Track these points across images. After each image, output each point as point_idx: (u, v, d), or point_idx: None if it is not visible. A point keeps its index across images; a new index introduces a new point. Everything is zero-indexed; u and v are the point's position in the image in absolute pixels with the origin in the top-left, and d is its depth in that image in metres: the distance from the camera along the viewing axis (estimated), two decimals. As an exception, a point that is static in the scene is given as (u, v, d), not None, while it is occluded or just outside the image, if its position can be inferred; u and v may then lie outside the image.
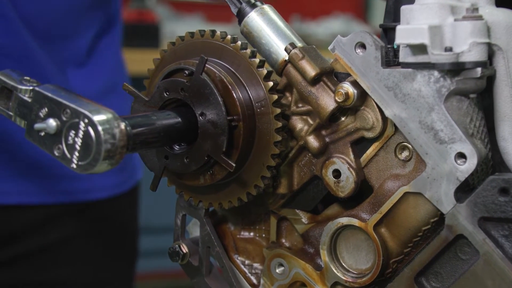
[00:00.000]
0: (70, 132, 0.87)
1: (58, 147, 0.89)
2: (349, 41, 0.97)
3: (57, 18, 1.75)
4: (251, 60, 0.99)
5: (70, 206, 1.82)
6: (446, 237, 0.93)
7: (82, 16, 1.82)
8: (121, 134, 0.86)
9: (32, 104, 0.93)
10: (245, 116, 0.97)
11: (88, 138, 0.85)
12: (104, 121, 0.85)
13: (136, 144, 0.91)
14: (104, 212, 1.91)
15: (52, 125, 0.88)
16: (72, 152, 0.88)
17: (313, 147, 1.00)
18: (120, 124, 0.86)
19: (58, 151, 0.89)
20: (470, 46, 0.89)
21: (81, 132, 0.86)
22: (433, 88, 0.91)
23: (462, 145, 0.90)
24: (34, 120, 0.91)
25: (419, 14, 0.91)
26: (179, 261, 1.09)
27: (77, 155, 0.87)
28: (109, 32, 1.92)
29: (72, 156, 0.88)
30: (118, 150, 0.86)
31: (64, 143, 0.88)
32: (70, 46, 1.81)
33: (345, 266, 1.02)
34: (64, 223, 1.83)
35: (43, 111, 0.91)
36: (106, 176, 1.84)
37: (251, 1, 1.03)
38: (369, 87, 0.96)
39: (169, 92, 0.98)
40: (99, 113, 0.86)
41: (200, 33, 1.02)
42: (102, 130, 0.85)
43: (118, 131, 0.86)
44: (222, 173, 0.99)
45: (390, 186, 0.98)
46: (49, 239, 1.82)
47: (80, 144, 0.86)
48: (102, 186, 1.87)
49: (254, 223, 1.11)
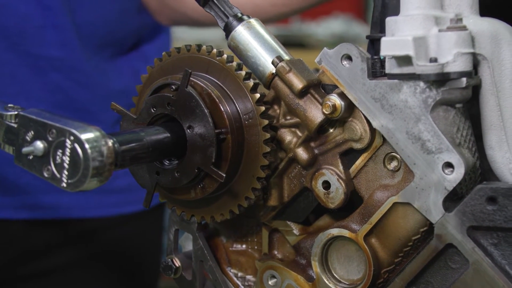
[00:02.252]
0: (58, 151, 0.88)
1: (47, 168, 0.89)
2: (335, 53, 0.97)
3: (110, 25, 1.74)
4: (237, 73, 0.99)
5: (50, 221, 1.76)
6: (436, 246, 0.93)
7: (132, 21, 1.81)
8: (108, 151, 0.86)
9: (18, 129, 0.93)
10: (233, 128, 0.98)
11: (76, 155, 0.86)
12: (91, 139, 0.86)
13: (125, 161, 0.91)
14: (99, 236, 1.84)
15: (39, 147, 0.89)
16: (61, 171, 0.88)
17: (302, 159, 1.00)
18: (107, 141, 0.87)
19: (48, 172, 0.89)
20: (454, 57, 0.89)
21: (68, 150, 0.87)
22: (419, 98, 0.91)
23: (449, 155, 0.90)
24: (22, 145, 0.92)
25: (403, 25, 0.91)
26: (172, 275, 1.10)
27: (66, 174, 0.87)
28: (157, 38, 1.91)
29: (62, 175, 0.88)
30: (106, 167, 0.86)
31: (53, 163, 0.88)
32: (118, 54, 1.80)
33: (336, 276, 1.02)
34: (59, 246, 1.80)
35: (30, 135, 0.91)
36: (94, 194, 1.76)
37: (238, 15, 1.04)
38: (356, 98, 0.96)
39: (156, 107, 0.99)
40: (86, 131, 0.86)
41: (186, 48, 1.03)
42: (89, 148, 0.85)
43: (105, 148, 0.86)
44: (213, 186, 1.00)
45: (380, 196, 0.98)
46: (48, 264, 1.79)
47: (68, 162, 0.87)
48: (86, 203, 1.79)
49: (246, 235, 1.12)
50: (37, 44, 1.64)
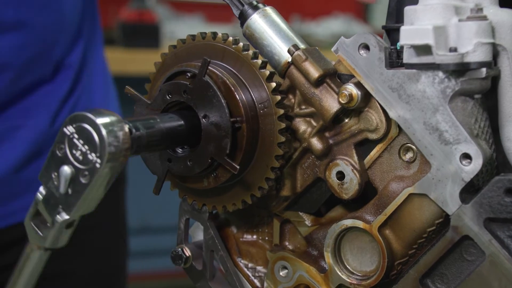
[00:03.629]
0: (73, 151, 0.86)
1: (84, 174, 0.87)
2: (352, 43, 0.96)
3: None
4: (253, 61, 0.98)
5: None
6: (452, 238, 0.93)
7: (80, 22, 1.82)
8: (125, 137, 0.85)
9: (49, 194, 0.91)
10: (248, 117, 0.97)
11: (92, 140, 0.84)
12: (107, 123, 0.84)
13: (140, 147, 0.90)
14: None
15: (67, 172, 0.87)
16: (88, 160, 0.86)
17: (317, 149, 1.00)
18: (123, 126, 0.86)
19: (84, 178, 0.87)
20: (474, 47, 0.88)
21: (85, 134, 0.85)
22: (438, 89, 0.91)
23: (467, 146, 0.90)
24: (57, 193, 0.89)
25: (423, 14, 0.90)
26: (182, 264, 1.09)
27: (94, 155, 0.85)
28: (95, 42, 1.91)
29: (93, 162, 0.86)
30: (122, 153, 0.85)
31: (78, 163, 0.87)
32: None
33: (349, 268, 1.02)
34: None
35: (54, 175, 0.89)
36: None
37: (253, 3, 1.03)
38: (373, 88, 0.95)
39: (171, 94, 0.98)
40: (103, 115, 0.85)
41: (202, 36, 1.02)
42: (105, 133, 0.84)
43: (121, 133, 0.85)
44: (226, 176, 0.99)
45: (395, 187, 0.97)
46: None
47: (87, 147, 0.85)
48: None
49: (257, 226, 1.11)
50: None
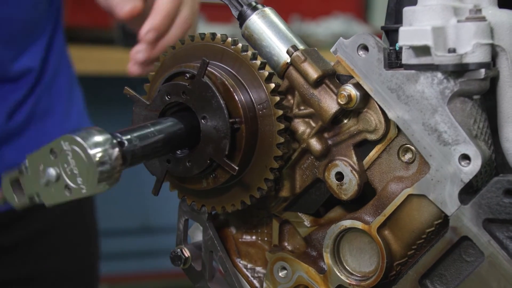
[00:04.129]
0: (65, 165, 0.87)
1: (68, 187, 0.88)
2: (351, 43, 0.96)
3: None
4: (252, 62, 0.98)
5: None
6: (451, 239, 0.93)
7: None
8: (116, 154, 0.86)
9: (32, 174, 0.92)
10: (247, 118, 0.97)
11: (81, 161, 0.85)
12: (95, 143, 0.85)
13: (136, 158, 0.90)
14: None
15: (52, 173, 0.88)
16: (75, 180, 0.87)
17: (316, 149, 1.00)
18: (114, 144, 0.86)
19: (68, 191, 0.88)
20: (473, 47, 0.88)
21: (70, 156, 0.86)
22: (437, 89, 0.91)
23: (466, 147, 0.90)
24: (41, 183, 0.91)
25: (422, 15, 0.90)
26: (181, 265, 1.09)
27: (81, 180, 0.86)
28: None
29: (79, 184, 0.87)
30: (116, 169, 0.86)
31: (68, 179, 0.87)
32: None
33: (348, 269, 1.02)
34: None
35: (41, 168, 0.90)
36: None
37: (252, 4, 1.03)
38: (371, 89, 0.95)
39: (170, 95, 0.98)
40: (88, 136, 0.85)
41: (201, 36, 1.02)
42: (94, 154, 0.84)
43: (113, 152, 0.85)
44: (225, 176, 0.99)
45: (394, 188, 0.97)
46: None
47: (77, 169, 0.86)
48: None
49: (256, 226, 1.11)
50: None
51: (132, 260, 4.20)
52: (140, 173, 1.70)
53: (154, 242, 4.06)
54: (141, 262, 4.19)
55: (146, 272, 4.24)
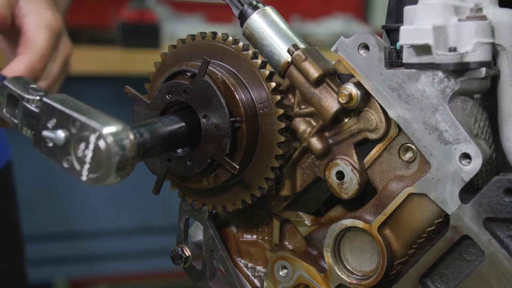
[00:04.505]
0: (80, 144, 0.86)
1: (67, 159, 0.87)
2: (352, 42, 0.96)
3: None
4: (253, 61, 0.99)
5: None
6: (451, 238, 0.93)
7: None
8: (131, 145, 0.85)
9: (39, 114, 0.91)
10: (248, 117, 0.97)
11: (99, 151, 0.84)
12: (114, 133, 0.84)
13: (145, 153, 0.90)
14: None
15: (60, 136, 0.87)
16: (82, 165, 0.86)
17: (316, 148, 1.00)
18: (129, 135, 0.85)
19: (67, 162, 0.87)
20: (474, 46, 0.88)
21: (92, 145, 0.84)
22: (437, 88, 0.91)
23: (466, 146, 0.90)
24: (42, 130, 0.89)
25: (422, 14, 0.90)
26: (182, 264, 1.09)
27: (88, 168, 0.86)
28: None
29: (82, 169, 0.86)
30: (129, 162, 0.85)
31: (74, 156, 0.86)
32: None
33: (349, 268, 1.02)
34: None
35: (52, 122, 0.89)
36: None
37: (253, 3, 1.03)
38: (372, 88, 0.95)
39: (171, 94, 0.98)
40: (109, 124, 0.85)
41: (201, 35, 1.02)
42: (112, 143, 0.83)
43: (128, 142, 0.84)
44: (226, 175, 0.99)
45: (394, 187, 0.97)
46: None
47: (91, 157, 0.85)
48: None
49: (256, 225, 1.11)
50: None
51: (132, 260, 4.20)
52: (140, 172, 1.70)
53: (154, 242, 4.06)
54: (141, 262, 4.19)
55: (146, 272, 4.24)
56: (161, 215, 3.76)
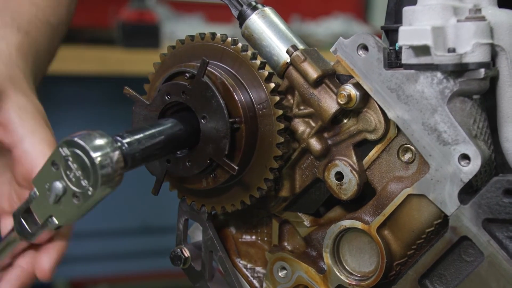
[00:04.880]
0: (67, 172, 0.88)
1: (75, 194, 0.89)
2: (351, 43, 0.96)
3: None
4: (252, 62, 0.98)
5: None
6: (450, 239, 0.93)
7: None
8: (118, 157, 0.86)
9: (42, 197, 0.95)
10: (247, 118, 0.97)
11: (84, 165, 0.86)
12: (98, 147, 0.86)
13: (136, 161, 0.90)
14: None
15: (58, 186, 0.90)
16: (80, 185, 0.88)
17: (315, 149, 1.00)
18: (115, 147, 0.87)
19: (76, 198, 0.89)
20: (473, 47, 0.88)
21: (74, 164, 0.87)
22: (436, 89, 0.91)
23: (465, 147, 0.90)
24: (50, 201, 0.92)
25: (421, 15, 0.90)
26: (181, 265, 1.09)
27: (86, 181, 0.87)
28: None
29: (84, 186, 0.88)
30: (117, 172, 0.87)
31: (72, 185, 0.89)
32: None
33: (348, 269, 1.02)
34: None
35: (47, 186, 0.92)
36: None
37: (252, 3, 1.03)
38: (371, 89, 0.95)
39: (170, 95, 0.98)
40: (93, 138, 0.86)
41: (200, 36, 1.02)
42: (97, 158, 0.85)
43: (114, 154, 0.86)
44: (225, 176, 0.99)
45: (393, 188, 0.97)
46: None
47: (81, 173, 0.87)
48: None
49: (256, 226, 1.11)
50: None
51: (132, 260, 4.20)
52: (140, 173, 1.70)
53: (154, 242, 4.06)
54: (141, 262, 4.19)
55: (146, 272, 4.24)
56: (161, 216, 3.76)
